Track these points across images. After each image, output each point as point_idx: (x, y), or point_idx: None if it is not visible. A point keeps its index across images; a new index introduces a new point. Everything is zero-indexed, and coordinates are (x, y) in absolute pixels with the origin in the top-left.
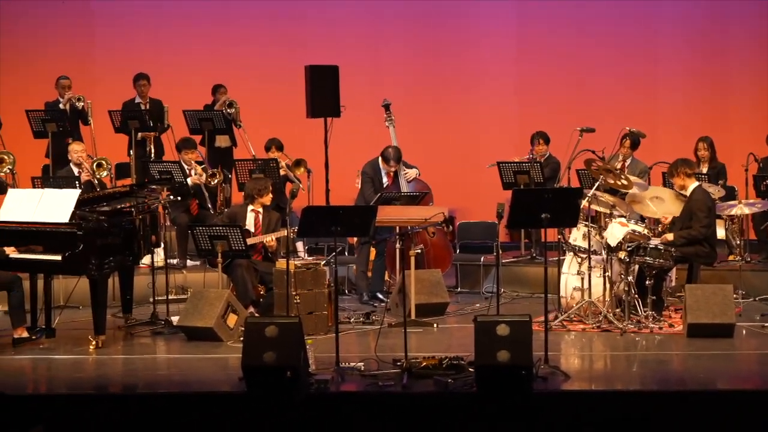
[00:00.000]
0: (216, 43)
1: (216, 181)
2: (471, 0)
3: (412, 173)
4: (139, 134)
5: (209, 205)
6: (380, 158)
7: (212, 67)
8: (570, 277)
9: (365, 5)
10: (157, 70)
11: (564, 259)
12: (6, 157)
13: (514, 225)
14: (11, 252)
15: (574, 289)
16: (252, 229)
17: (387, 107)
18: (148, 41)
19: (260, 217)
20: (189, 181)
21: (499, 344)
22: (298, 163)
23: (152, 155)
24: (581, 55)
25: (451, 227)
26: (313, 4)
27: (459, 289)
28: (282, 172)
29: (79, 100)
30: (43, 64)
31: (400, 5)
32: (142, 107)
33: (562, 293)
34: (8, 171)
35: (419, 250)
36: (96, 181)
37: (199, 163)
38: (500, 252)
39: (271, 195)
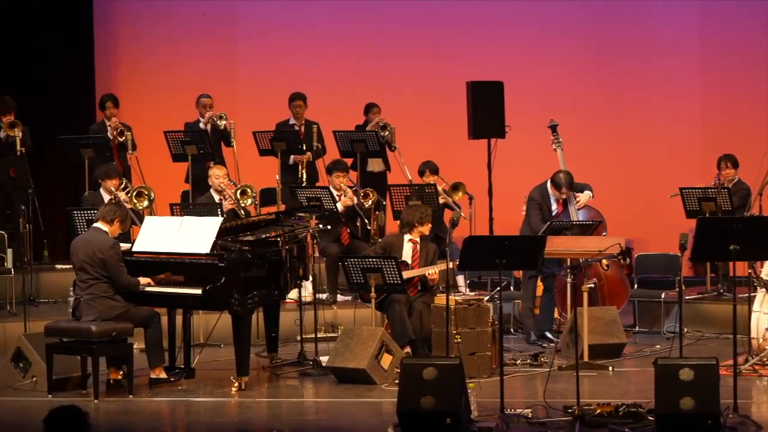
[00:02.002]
0: (368, 59)
1: (370, 202)
2: (650, 12)
3: (583, 199)
4: (292, 158)
5: (367, 225)
6: (549, 183)
7: (364, 85)
8: (762, 315)
9: (532, 16)
10: (304, 88)
11: (755, 296)
12: (145, 191)
13: (698, 257)
14: (146, 283)
15: (767, 329)
16: (409, 261)
17: (554, 128)
18: (294, 58)
19: (418, 247)
20: (339, 205)
21: (683, 390)
22: (457, 186)
23: (304, 180)
24: None
25: (628, 260)
26: (474, 15)
27: (637, 328)
28: (441, 200)
29: (221, 118)
30: (184, 82)
31: (570, 16)
32: (296, 129)
33: (752, 334)
34: (146, 206)
35: (592, 285)
36: (241, 211)
37: (351, 188)
38: (683, 287)
39: (430, 223)
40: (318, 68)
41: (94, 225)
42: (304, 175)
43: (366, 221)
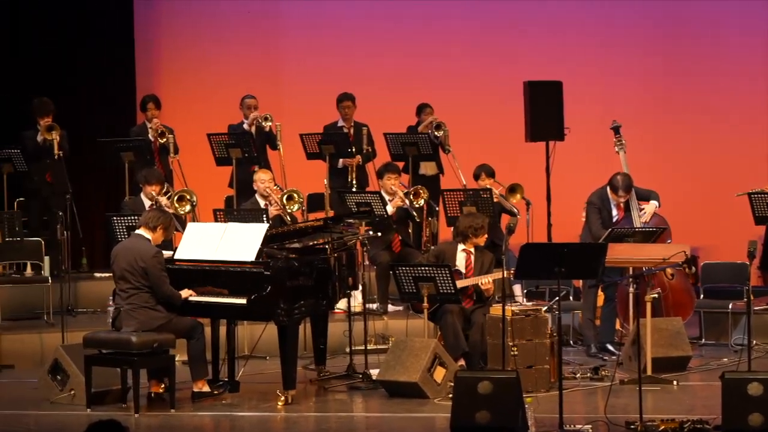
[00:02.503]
0: (421, 58)
1: (422, 201)
2: (716, 11)
3: (649, 210)
4: (341, 161)
5: (416, 218)
6: (608, 187)
7: (417, 85)
8: None
9: (591, 15)
10: (353, 89)
11: None
12: (188, 196)
13: None
14: (188, 295)
15: None
16: (463, 271)
17: (616, 130)
18: (343, 57)
19: (472, 258)
20: (390, 207)
21: (751, 406)
22: (514, 189)
23: (353, 185)
24: None
25: (693, 268)
26: (531, 13)
27: (703, 340)
28: (495, 200)
29: (266, 119)
30: (227, 82)
31: (633, 10)
32: (345, 131)
33: None
34: (188, 211)
35: (656, 295)
36: (287, 217)
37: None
38: (752, 297)
39: (486, 235)
40: (368, 67)
41: (136, 232)
42: (354, 180)
43: (415, 214)
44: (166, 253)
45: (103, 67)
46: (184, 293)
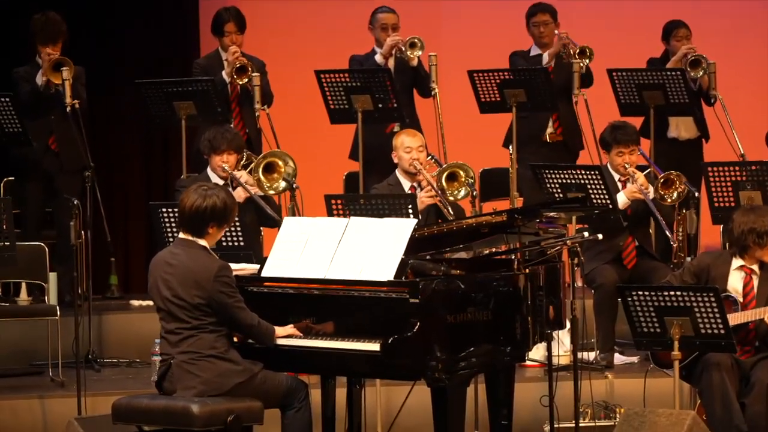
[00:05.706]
0: None
1: (675, 194)
2: None
3: None
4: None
5: (665, 230)
6: None
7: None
8: None
9: None
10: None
11: None
12: (280, 162)
13: None
14: (288, 334)
15: None
16: (739, 300)
17: None
18: None
19: (754, 281)
20: (622, 197)
21: None
22: None
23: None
24: None
25: None
26: None
27: None
28: None
29: (413, 46)
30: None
31: None
32: (545, 64)
33: None
34: (282, 189)
35: None
36: (448, 208)
37: (642, 168)
38: None
39: None
40: None
41: (180, 236)
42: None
43: (664, 225)
44: (247, 268)
45: None
46: (283, 331)
